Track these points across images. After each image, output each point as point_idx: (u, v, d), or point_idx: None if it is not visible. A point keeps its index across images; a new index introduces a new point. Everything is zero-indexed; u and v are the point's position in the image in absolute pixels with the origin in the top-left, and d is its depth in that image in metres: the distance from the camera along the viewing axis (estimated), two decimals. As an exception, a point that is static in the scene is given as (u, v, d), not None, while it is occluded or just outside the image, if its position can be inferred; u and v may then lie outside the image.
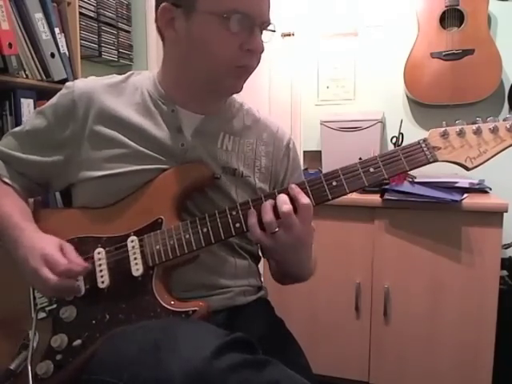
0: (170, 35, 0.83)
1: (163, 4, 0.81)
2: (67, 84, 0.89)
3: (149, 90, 0.89)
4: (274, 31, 0.83)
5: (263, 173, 0.93)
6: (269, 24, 0.82)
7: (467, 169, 0.76)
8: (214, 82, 0.84)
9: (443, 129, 0.76)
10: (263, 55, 0.83)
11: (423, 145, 0.77)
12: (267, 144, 0.95)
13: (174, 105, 0.88)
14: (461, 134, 0.76)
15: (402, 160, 0.76)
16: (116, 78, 0.91)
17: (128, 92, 0.89)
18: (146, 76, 0.92)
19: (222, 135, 0.90)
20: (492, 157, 0.75)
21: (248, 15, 0.77)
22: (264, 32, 0.82)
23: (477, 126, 0.75)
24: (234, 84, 0.85)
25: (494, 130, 0.75)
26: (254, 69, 0.85)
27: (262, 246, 0.80)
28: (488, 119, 0.76)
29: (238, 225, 0.77)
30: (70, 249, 0.78)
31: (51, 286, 0.74)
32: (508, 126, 0.74)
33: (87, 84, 0.88)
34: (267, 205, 0.75)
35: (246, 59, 0.81)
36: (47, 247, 0.76)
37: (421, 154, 0.76)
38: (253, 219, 0.75)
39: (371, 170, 0.77)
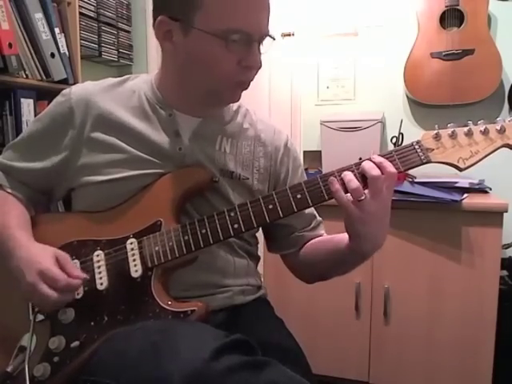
0: (168, 47, 0.82)
1: (160, 17, 0.80)
2: (64, 91, 0.89)
3: (146, 94, 0.89)
4: (274, 39, 0.83)
5: (262, 173, 0.93)
6: (267, 35, 0.82)
7: (460, 169, 0.78)
8: (211, 95, 0.84)
9: (436, 131, 0.78)
10: (263, 55, 0.83)
11: (416, 146, 0.78)
12: (265, 145, 0.95)
13: (171, 109, 0.88)
14: (453, 135, 0.77)
15: (397, 161, 0.77)
16: (112, 81, 0.91)
17: (125, 96, 0.89)
18: (143, 80, 0.92)
19: (219, 138, 0.90)
20: (484, 157, 0.77)
21: (247, 33, 0.77)
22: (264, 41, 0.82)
23: (468, 128, 0.77)
24: (232, 96, 0.86)
25: (485, 132, 0.76)
26: (252, 80, 0.85)
27: (346, 219, 0.77)
28: (479, 122, 0.78)
29: (236, 226, 0.78)
30: (65, 259, 0.77)
31: (51, 303, 0.73)
32: (498, 127, 0.76)
33: (84, 90, 0.88)
34: (349, 173, 0.75)
35: (245, 75, 0.81)
36: (43, 261, 0.74)
37: (414, 155, 0.78)
38: (336, 185, 0.75)
39: None
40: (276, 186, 0.96)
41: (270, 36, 0.82)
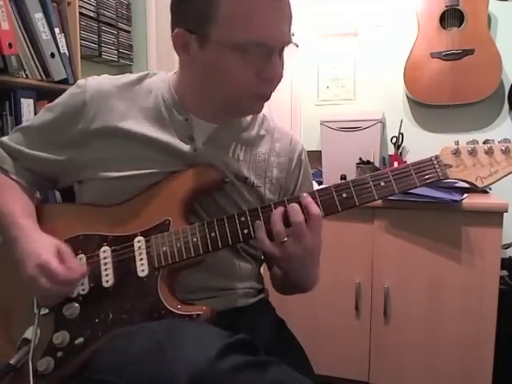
0: (185, 58, 0.81)
1: (177, 30, 0.77)
2: (79, 83, 0.87)
3: (163, 95, 0.86)
4: (297, 45, 0.80)
5: (274, 184, 0.92)
6: (290, 42, 0.78)
7: (477, 188, 0.77)
8: (231, 106, 0.82)
9: (455, 147, 0.77)
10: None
11: (435, 162, 0.77)
12: (279, 155, 0.94)
13: (188, 113, 0.86)
14: (473, 153, 0.76)
15: (413, 176, 0.76)
16: (130, 78, 0.88)
17: (141, 95, 0.87)
18: (160, 78, 0.89)
19: (233, 145, 0.88)
20: (502, 177, 0.76)
21: (265, 45, 0.73)
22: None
23: (489, 146, 0.76)
24: (253, 108, 0.83)
25: (506, 151, 0.75)
26: (273, 91, 0.81)
27: (270, 255, 0.79)
28: (500, 140, 0.76)
29: (246, 231, 0.77)
30: (67, 252, 0.77)
31: (50, 296, 0.74)
32: None
33: (100, 85, 0.86)
34: (277, 214, 0.75)
35: (265, 87, 0.78)
36: (43, 253, 0.74)
37: (432, 171, 0.76)
38: (261, 233, 0.75)
39: (382, 183, 0.77)
40: (285, 196, 0.95)
41: (293, 43, 0.78)
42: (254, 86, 0.77)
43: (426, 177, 0.76)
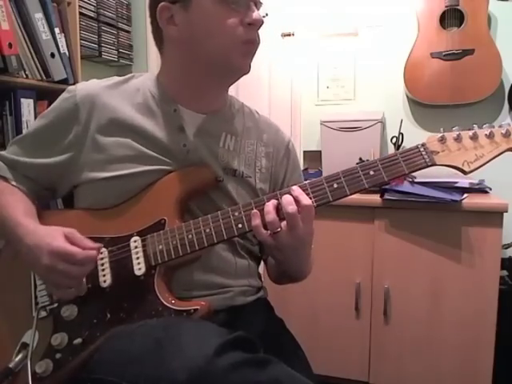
0: (172, 32, 0.84)
1: (161, 4, 0.83)
2: (69, 88, 0.90)
3: (151, 90, 0.90)
4: (266, 14, 0.86)
5: (263, 173, 0.94)
6: (261, 3, 0.85)
7: (465, 172, 0.78)
8: (223, 65, 0.85)
9: (441, 134, 0.78)
10: (263, 55, 0.84)
11: (421, 149, 0.78)
12: (267, 145, 0.96)
13: (176, 104, 0.88)
14: (458, 139, 0.78)
15: (401, 163, 0.78)
16: (116, 79, 0.92)
17: (129, 93, 0.89)
18: (147, 77, 0.93)
19: (224, 135, 0.91)
20: (489, 161, 0.77)
21: None
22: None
23: (473, 131, 0.77)
24: (243, 63, 0.86)
25: (490, 136, 0.77)
26: (258, 45, 0.87)
27: (264, 245, 0.81)
28: (484, 125, 0.78)
29: (240, 225, 0.78)
30: (75, 235, 0.77)
31: (74, 276, 0.74)
32: (503, 131, 0.77)
33: (89, 87, 0.89)
34: (270, 205, 0.76)
35: (250, 33, 0.83)
36: (53, 241, 0.74)
37: (419, 158, 0.78)
38: (256, 220, 0.76)
39: (371, 172, 0.78)
40: (275, 187, 0.97)
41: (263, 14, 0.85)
42: (240, 33, 0.82)
43: (414, 164, 0.78)
